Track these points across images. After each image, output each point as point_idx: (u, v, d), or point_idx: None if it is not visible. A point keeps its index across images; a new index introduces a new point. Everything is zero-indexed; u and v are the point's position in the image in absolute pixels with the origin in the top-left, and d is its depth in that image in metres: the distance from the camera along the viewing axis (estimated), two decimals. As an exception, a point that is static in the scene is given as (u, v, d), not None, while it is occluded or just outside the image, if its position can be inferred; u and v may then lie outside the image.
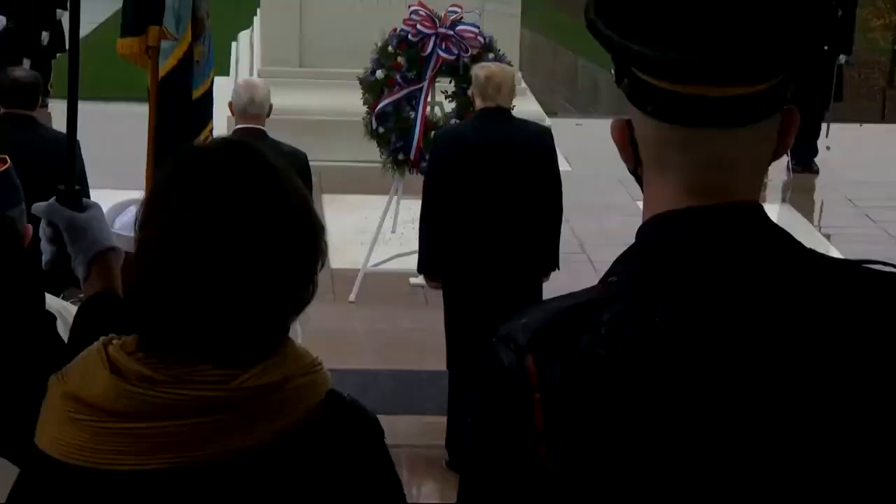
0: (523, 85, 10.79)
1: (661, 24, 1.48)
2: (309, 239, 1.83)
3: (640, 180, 1.60)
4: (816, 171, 11.75)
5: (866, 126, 14.64)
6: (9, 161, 2.67)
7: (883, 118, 19.79)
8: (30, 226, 2.61)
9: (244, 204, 1.77)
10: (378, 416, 1.88)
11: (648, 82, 1.51)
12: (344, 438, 1.80)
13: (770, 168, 1.65)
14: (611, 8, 1.53)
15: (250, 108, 6.69)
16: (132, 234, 1.86)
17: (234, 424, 1.74)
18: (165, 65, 4.53)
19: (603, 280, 1.57)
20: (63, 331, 2.26)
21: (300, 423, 1.77)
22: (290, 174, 1.85)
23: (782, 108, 1.56)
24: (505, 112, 6.45)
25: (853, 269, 1.56)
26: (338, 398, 1.83)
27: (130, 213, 1.92)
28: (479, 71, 6.52)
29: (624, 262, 1.56)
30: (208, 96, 4.89)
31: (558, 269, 6.43)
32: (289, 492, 1.77)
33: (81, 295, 2.36)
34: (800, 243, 1.57)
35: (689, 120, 1.51)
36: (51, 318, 2.22)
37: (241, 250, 1.76)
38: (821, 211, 11.41)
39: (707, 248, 1.52)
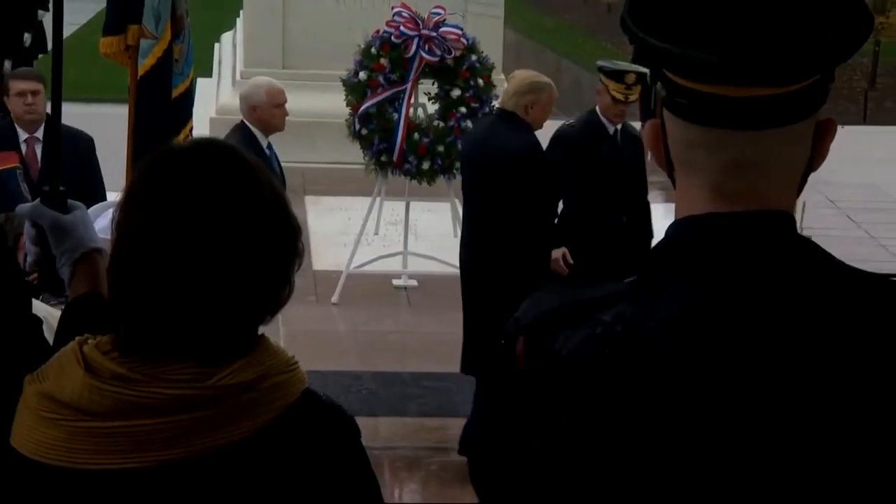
0: (506, 86, 10.80)
1: (686, 22, 1.46)
2: (285, 238, 1.83)
3: (674, 183, 1.58)
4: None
5: (848, 127, 14.68)
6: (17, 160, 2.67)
7: (865, 120, 19.85)
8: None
9: (219, 203, 1.77)
10: (360, 417, 1.88)
11: (674, 81, 1.50)
12: (319, 437, 1.80)
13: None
14: (640, 4, 1.51)
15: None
16: (109, 238, 1.86)
17: (210, 423, 1.74)
18: (144, 63, 4.52)
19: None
20: (48, 335, 2.25)
21: (276, 421, 1.77)
22: (267, 174, 1.85)
23: (817, 114, 1.51)
24: (497, 113, 6.60)
25: (879, 284, 1.52)
26: (313, 397, 1.83)
27: (108, 217, 1.92)
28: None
29: (646, 262, 1.55)
30: (188, 95, 4.88)
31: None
32: (265, 489, 1.77)
33: (67, 294, 2.35)
34: (828, 255, 1.52)
35: (712, 120, 1.48)
36: (37, 321, 2.21)
37: (216, 249, 1.76)
38: (802, 212, 11.40)
39: (721, 255, 1.50)
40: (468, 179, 6.56)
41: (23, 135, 6.83)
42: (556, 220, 6.76)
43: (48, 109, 6.64)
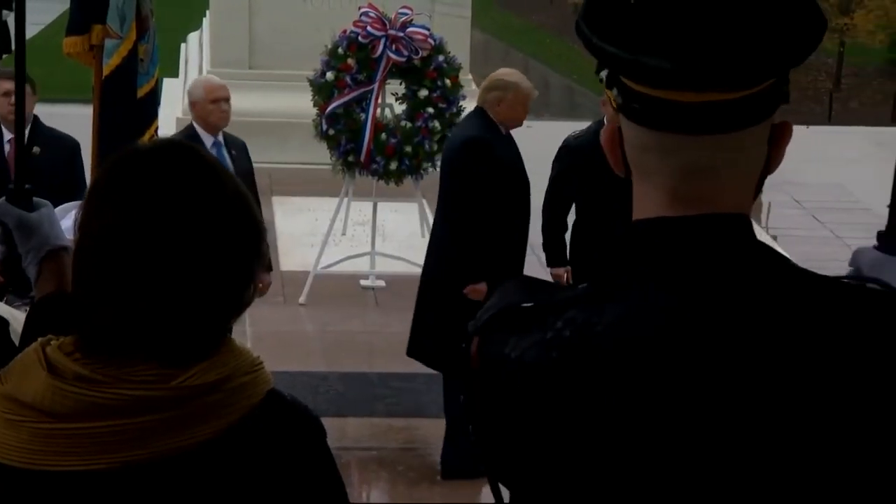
0: (473, 87, 10.81)
1: (639, 28, 1.46)
2: (248, 239, 1.82)
3: (632, 188, 1.58)
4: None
5: (813, 128, 14.79)
6: None
7: (830, 120, 19.99)
8: None
9: (181, 203, 1.77)
10: (328, 418, 1.88)
11: (629, 86, 1.50)
12: (284, 437, 1.80)
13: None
14: (594, 10, 1.51)
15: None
16: (73, 238, 1.85)
17: (174, 424, 1.74)
18: (109, 63, 4.51)
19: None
20: (14, 339, 2.23)
21: (241, 422, 1.77)
22: (230, 174, 1.85)
23: (772, 118, 1.52)
24: (472, 110, 6.54)
25: (830, 286, 1.52)
26: (279, 397, 1.83)
27: (72, 218, 1.91)
28: None
29: (598, 267, 1.56)
30: (153, 95, 4.87)
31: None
32: (230, 490, 1.77)
33: (33, 294, 2.34)
34: (782, 258, 1.52)
35: (666, 125, 1.48)
36: (3, 322, 2.20)
37: (178, 250, 1.75)
38: (768, 212, 11.51)
39: (671, 259, 1.50)
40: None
41: (7, 135, 6.79)
42: (559, 230, 6.77)
43: (35, 111, 6.61)
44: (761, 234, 10.00)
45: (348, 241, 9.35)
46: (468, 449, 6.13)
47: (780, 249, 1.56)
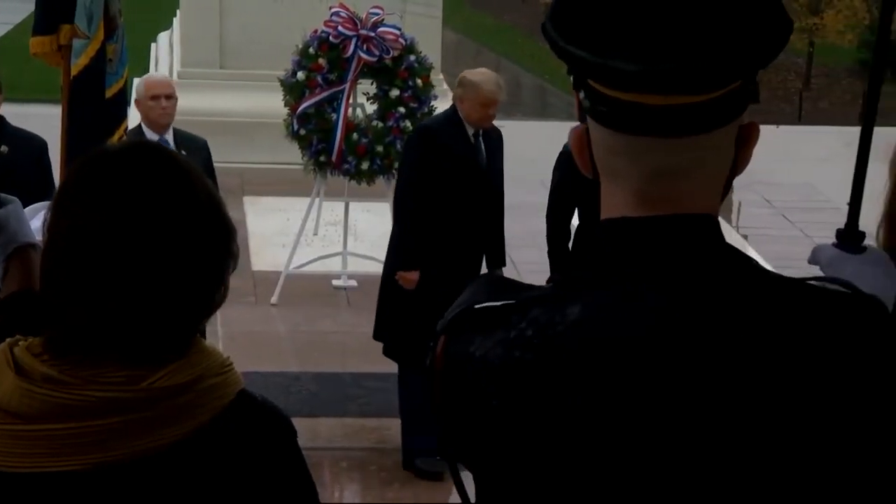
0: (445, 87, 10.82)
1: (606, 31, 1.46)
2: (219, 239, 1.82)
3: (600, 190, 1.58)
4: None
5: (783, 127, 14.86)
6: None
7: (800, 120, 20.09)
8: None
9: (151, 204, 1.76)
10: (300, 418, 1.88)
11: (596, 89, 1.50)
12: (255, 438, 1.80)
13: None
14: (561, 13, 1.51)
15: None
16: (42, 239, 1.84)
17: (143, 425, 1.73)
18: (77, 63, 4.49)
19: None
20: None
21: (211, 423, 1.77)
22: (201, 175, 1.84)
23: (739, 119, 1.52)
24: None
25: (795, 287, 1.52)
26: (249, 398, 1.83)
27: (41, 219, 1.90)
28: None
29: (563, 266, 1.56)
30: (122, 95, 4.85)
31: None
32: (201, 491, 1.77)
33: None
34: (747, 259, 1.52)
35: (633, 128, 1.49)
36: None
37: (148, 251, 1.75)
38: (738, 212, 11.55)
39: (634, 258, 1.50)
40: None
41: None
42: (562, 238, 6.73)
43: (2, 111, 6.55)
44: (732, 234, 9.96)
45: (320, 241, 9.33)
46: (426, 441, 6.26)
47: (751, 250, 1.56)
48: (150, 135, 6.51)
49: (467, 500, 1.61)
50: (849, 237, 2.09)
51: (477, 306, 1.55)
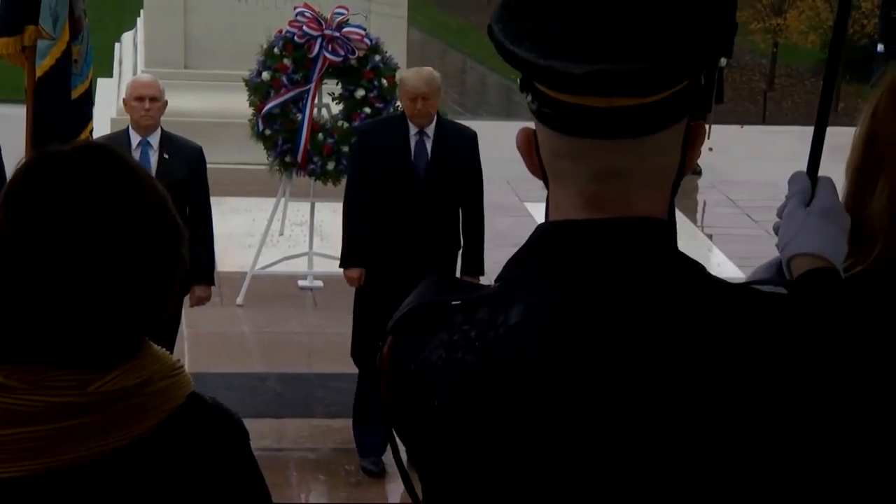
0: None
1: (549, 33, 1.47)
2: (167, 242, 1.80)
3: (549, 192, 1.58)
4: (699, 173, 11.95)
5: (748, 127, 14.94)
6: None
7: (764, 120, 20.19)
8: None
9: (96, 206, 1.73)
10: (267, 419, 1.87)
11: (541, 91, 1.50)
12: (205, 440, 1.79)
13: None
14: (507, 15, 1.52)
15: None
16: None
17: (93, 429, 1.72)
18: (42, 64, 4.46)
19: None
20: None
21: (160, 426, 1.76)
22: (148, 177, 1.82)
23: (685, 121, 1.53)
24: None
25: (738, 293, 1.53)
26: (199, 400, 1.82)
27: None
28: None
29: (511, 266, 1.56)
30: (88, 96, 4.83)
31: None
32: (151, 494, 1.75)
33: None
34: (692, 263, 1.53)
35: (577, 130, 1.49)
36: None
37: (93, 254, 1.73)
38: (703, 211, 11.60)
39: (576, 260, 1.51)
40: None
41: None
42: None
43: None
44: (696, 234, 10.01)
45: (286, 241, 9.31)
46: (372, 439, 6.29)
47: (715, 249, 1.57)
48: (133, 136, 6.48)
49: (417, 499, 1.62)
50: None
51: (424, 306, 1.56)
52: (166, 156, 6.47)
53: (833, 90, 1.98)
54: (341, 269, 6.49)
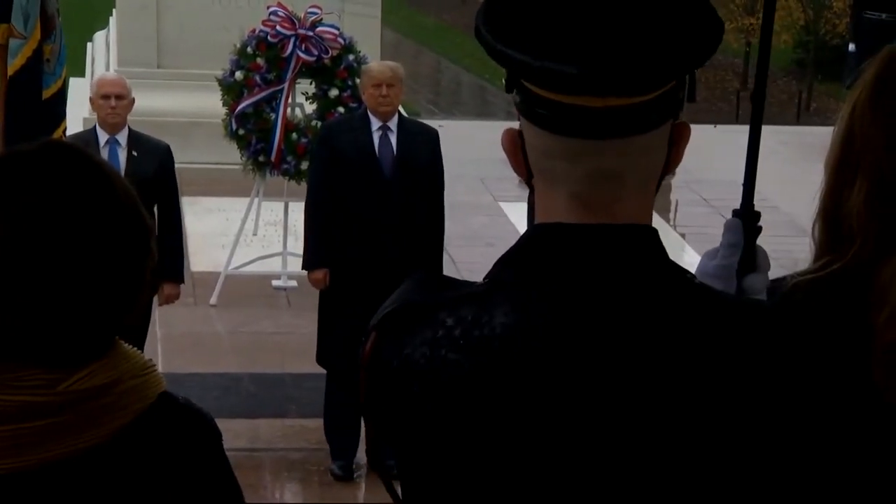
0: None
1: (542, 33, 1.46)
2: (135, 237, 1.79)
3: (532, 191, 1.58)
4: (672, 172, 11.97)
5: (721, 127, 14.99)
6: None
7: (737, 119, 20.27)
8: None
9: (63, 205, 1.72)
10: (241, 419, 1.87)
11: (533, 91, 1.50)
12: (177, 440, 1.78)
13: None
14: (495, 15, 1.51)
15: None
16: None
17: (62, 428, 1.71)
18: (14, 63, 4.44)
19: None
20: None
21: (131, 425, 1.75)
22: (115, 174, 1.81)
23: (672, 120, 1.54)
24: None
25: (715, 300, 1.53)
26: (171, 400, 1.81)
27: None
28: None
29: (500, 266, 1.56)
30: (60, 96, 4.79)
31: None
32: (121, 494, 1.74)
33: None
34: (679, 272, 1.53)
35: (571, 130, 1.49)
36: None
37: (60, 253, 1.71)
38: (676, 210, 11.64)
39: (563, 265, 1.51)
40: None
41: None
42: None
43: None
44: (669, 233, 10.06)
45: (259, 241, 9.29)
46: (341, 443, 6.28)
47: (688, 248, 1.57)
48: (101, 134, 6.46)
49: (397, 498, 1.62)
50: (745, 216, 2.14)
51: (408, 304, 1.55)
52: (135, 153, 6.44)
53: (764, 96, 2.03)
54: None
